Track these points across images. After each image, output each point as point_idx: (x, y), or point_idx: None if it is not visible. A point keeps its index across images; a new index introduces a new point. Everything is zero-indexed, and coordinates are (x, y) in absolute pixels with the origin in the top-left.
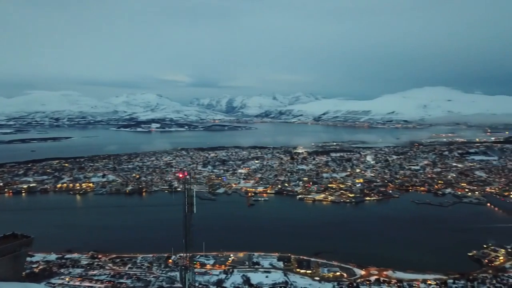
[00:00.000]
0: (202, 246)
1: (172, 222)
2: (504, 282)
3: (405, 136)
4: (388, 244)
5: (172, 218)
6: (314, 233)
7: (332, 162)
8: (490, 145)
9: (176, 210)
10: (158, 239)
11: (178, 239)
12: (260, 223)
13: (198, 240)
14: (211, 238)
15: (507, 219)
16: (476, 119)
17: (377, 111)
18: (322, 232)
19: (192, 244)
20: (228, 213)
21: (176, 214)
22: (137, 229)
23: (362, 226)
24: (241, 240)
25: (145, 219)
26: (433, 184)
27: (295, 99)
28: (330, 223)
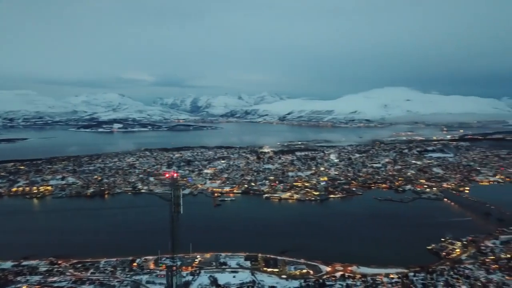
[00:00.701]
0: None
1: (138, 224)
2: (461, 273)
3: (367, 135)
4: (352, 240)
5: (137, 220)
6: (280, 232)
7: (297, 161)
8: (446, 143)
9: (141, 212)
10: (123, 242)
11: (145, 241)
12: (227, 223)
13: (164, 241)
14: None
15: (462, 213)
16: (433, 118)
17: (340, 111)
18: (288, 230)
19: (179, 245)
20: (195, 214)
21: (141, 216)
22: (100, 232)
23: (327, 224)
24: (208, 240)
25: (108, 222)
26: (394, 181)
27: (260, 99)
28: (296, 221)
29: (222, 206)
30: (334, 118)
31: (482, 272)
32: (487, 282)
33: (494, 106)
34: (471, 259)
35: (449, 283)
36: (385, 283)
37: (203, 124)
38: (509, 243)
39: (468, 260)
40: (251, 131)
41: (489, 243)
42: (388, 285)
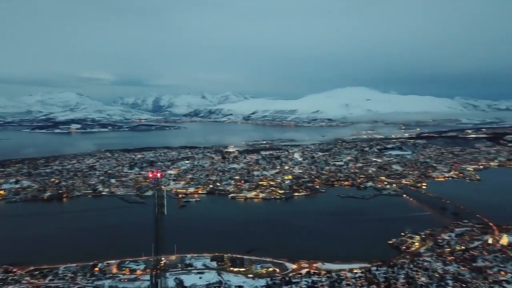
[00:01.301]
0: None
1: (99, 228)
2: (420, 266)
3: (330, 134)
4: (317, 237)
5: (98, 223)
6: (247, 231)
7: (262, 160)
8: (404, 141)
9: (102, 215)
10: (83, 247)
11: (107, 245)
12: (192, 224)
13: (127, 244)
14: (141, 242)
15: (420, 208)
16: (392, 117)
17: (303, 110)
18: (254, 229)
19: (164, 247)
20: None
21: (102, 219)
22: (58, 237)
23: (292, 221)
24: (173, 242)
25: (67, 226)
26: (356, 178)
27: (224, 98)
28: (262, 220)
29: (187, 207)
30: (297, 118)
31: (440, 264)
32: (444, 273)
33: (448, 105)
34: (429, 251)
35: (409, 275)
36: (349, 278)
37: (165, 124)
38: (463, 235)
39: (426, 253)
40: (216, 131)
41: (445, 236)
42: (352, 280)
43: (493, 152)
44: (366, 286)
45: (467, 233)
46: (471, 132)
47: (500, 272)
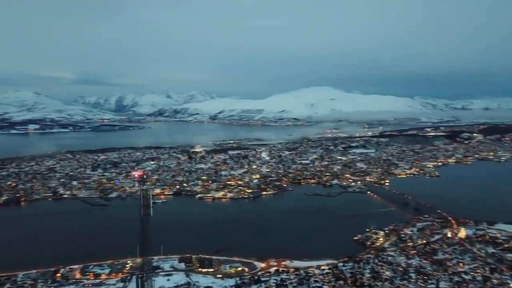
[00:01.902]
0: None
1: (60, 232)
2: (384, 260)
3: (296, 133)
4: (285, 235)
5: (59, 227)
6: (215, 231)
7: (230, 160)
8: (368, 139)
9: (63, 218)
10: (43, 253)
11: (69, 250)
12: (158, 225)
13: (91, 248)
14: (106, 245)
15: (384, 205)
16: (355, 116)
17: (270, 110)
18: (223, 229)
19: (151, 249)
20: (124, 218)
21: (64, 223)
22: (16, 243)
23: (261, 220)
24: (136, 244)
25: (25, 231)
26: (322, 176)
27: (190, 97)
28: (230, 220)
29: (153, 208)
30: (264, 117)
31: (403, 258)
32: (407, 266)
33: (408, 104)
34: (393, 246)
35: (374, 270)
36: (317, 275)
37: (129, 124)
38: (425, 229)
39: (390, 248)
40: (182, 131)
41: (408, 230)
42: (320, 277)
43: (451, 150)
44: (333, 282)
45: (428, 227)
46: (430, 130)
47: (459, 263)
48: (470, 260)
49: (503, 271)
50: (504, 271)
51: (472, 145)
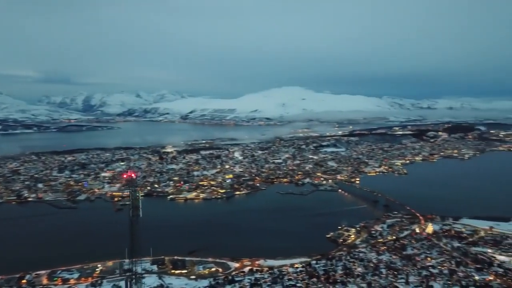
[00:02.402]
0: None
1: (25, 236)
2: (356, 257)
3: (269, 132)
4: (258, 234)
5: (24, 232)
6: (188, 232)
7: (202, 160)
8: (338, 138)
9: (28, 222)
10: (7, 258)
11: (35, 255)
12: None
13: (59, 252)
14: (74, 250)
15: (355, 202)
16: (326, 115)
17: (242, 110)
18: (196, 230)
19: (139, 250)
20: (93, 221)
21: (30, 227)
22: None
23: (234, 220)
24: (110, 247)
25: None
26: (294, 175)
27: (160, 97)
28: (203, 220)
29: (124, 210)
30: (236, 117)
31: (374, 254)
32: (378, 262)
33: (377, 104)
34: (364, 243)
35: (346, 267)
36: (290, 273)
37: (98, 124)
38: (394, 226)
39: (361, 245)
40: (152, 131)
41: (378, 227)
42: (294, 275)
43: (418, 148)
44: (307, 280)
45: (397, 223)
46: (398, 129)
47: (427, 258)
48: (437, 255)
49: (468, 264)
50: (469, 264)
51: (437, 143)
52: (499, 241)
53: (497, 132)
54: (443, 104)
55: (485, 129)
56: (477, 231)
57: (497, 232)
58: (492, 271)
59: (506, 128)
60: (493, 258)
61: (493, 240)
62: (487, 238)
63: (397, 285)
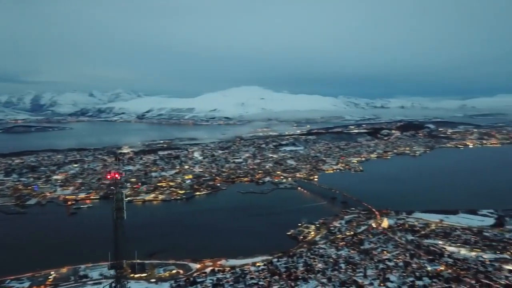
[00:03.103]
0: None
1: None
2: (316, 253)
3: (229, 132)
4: (220, 234)
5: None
6: (147, 235)
7: (160, 161)
8: (297, 137)
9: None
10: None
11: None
12: (84, 232)
13: (7, 261)
14: (24, 257)
15: (314, 200)
16: (284, 115)
17: (201, 109)
18: (155, 232)
19: (123, 254)
20: (44, 226)
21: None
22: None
23: (195, 221)
24: (63, 253)
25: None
26: (255, 174)
27: (115, 96)
28: (163, 222)
29: (78, 214)
30: (195, 116)
31: (333, 250)
32: (337, 258)
33: (333, 103)
34: (324, 239)
35: (307, 263)
36: (252, 272)
37: (48, 125)
38: (352, 221)
39: (321, 241)
40: (107, 131)
41: (337, 223)
42: (256, 273)
43: (372, 145)
44: (269, 278)
45: (355, 219)
46: (353, 127)
47: (383, 251)
48: (393, 248)
49: (421, 256)
50: (422, 255)
51: (391, 141)
52: (449, 233)
53: (445, 130)
54: (396, 104)
55: (434, 127)
56: (429, 224)
57: (447, 225)
58: (443, 262)
59: (453, 126)
60: (443, 249)
61: (443, 232)
62: (438, 230)
63: (356, 279)
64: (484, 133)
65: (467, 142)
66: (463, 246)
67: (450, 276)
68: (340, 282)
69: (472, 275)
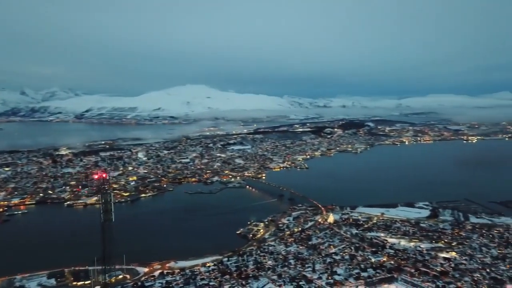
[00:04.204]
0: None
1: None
2: (266, 251)
3: (175, 131)
4: (168, 236)
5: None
6: (90, 240)
7: (102, 162)
8: (244, 136)
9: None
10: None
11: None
12: (19, 240)
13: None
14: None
15: (262, 197)
16: (231, 114)
17: (144, 108)
18: (99, 237)
19: (112, 257)
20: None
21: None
22: None
23: (141, 223)
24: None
25: None
26: (203, 174)
27: (50, 94)
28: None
29: (11, 221)
30: (138, 115)
31: (282, 246)
32: (286, 254)
33: (278, 103)
34: (273, 236)
35: (257, 261)
36: (202, 273)
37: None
38: (299, 218)
39: (270, 238)
40: (43, 132)
41: (285, 220)
42: (206, 274)
43: (317, 144)
44: (219, 278)
45: (302, 215)
46: (298, 126)
47: (330, 246)
48: (339, 242)
49: (365, 249)
50: (366, 248)
51: (334, 139)
52: (389, 226)
53: (383, 128)
54: (337, 103)
55: (373, 125)
56: (371, 217)
57: (387, 218)
58: (385, 253)
59: (391, 124)
60: (385, 241)
61: (384, 225)
62: (380, 223)
63: (305, 274)
64: (418, 130)
65: (403, 139)
66: (403, 237)
67: (392, 266)
68: (290, 278)
69: (411, 264)
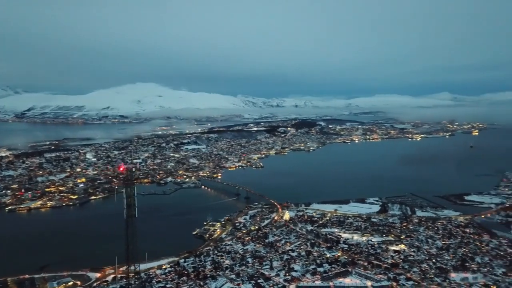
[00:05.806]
0: None
1: None
2: (223, 250)
3: (125, 131)
4: (120, 240)
5: None
6: (35, 247)
7: (47, 164)
8: (198, 135)
9: None
10: None
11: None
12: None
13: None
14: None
15: (218, 197)
16: (184, 113)
17: (92, 107)
18: (45, 242)
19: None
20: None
21: None
22: None
23: (91, 227)
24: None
25: None
26: (156, 174)
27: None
28: (54, 231)
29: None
30: (85, 114)
31: (240, 245)
32: (244, 253)
33: (232, 102)
34: (230, 236)
35: (215, 261)
36: (159, 275)
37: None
38: (256, 216)
39: (227, 237)
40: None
41: (241, 219)
42: (162, 276)
43: (271, 142)
44: (177, 279)
45: (258, 214)
46: (253, 126)
47: (287, 243)
48: (295, 239)
49: (320, 244)
50: (321, 244)
51: (287, 138)
52: (343, 221)
53: (334, 127)
54: (290, 103)
55: (325, 125)
56: (325, 214)
57: (340, 214)
58: (340, 248)
59: (341, 123)
60: (339, 236)
61: (338, 221)
62: (333, 219)
63: (263, 271)
64: (367, 129)
65: (353, 137)
66: (355, 232)
67: (346, 261)
68: (248, 276)
69: (364, 257)
